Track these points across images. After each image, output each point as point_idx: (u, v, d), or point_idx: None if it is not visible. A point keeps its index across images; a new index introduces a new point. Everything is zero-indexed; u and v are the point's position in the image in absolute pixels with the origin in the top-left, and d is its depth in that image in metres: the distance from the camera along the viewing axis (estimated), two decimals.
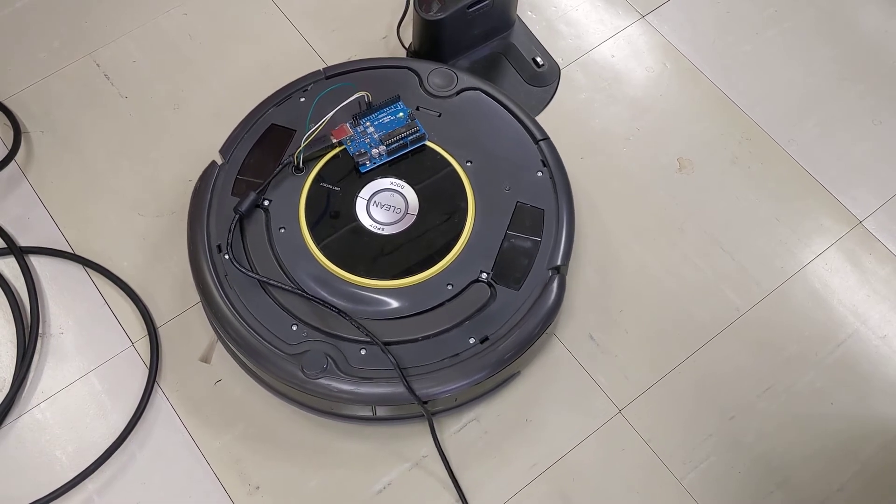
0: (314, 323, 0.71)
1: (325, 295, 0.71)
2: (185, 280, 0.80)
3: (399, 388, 0.68)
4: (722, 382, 0.78)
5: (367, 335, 0.69)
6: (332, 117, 0.74)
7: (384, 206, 0.75)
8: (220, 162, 0.77)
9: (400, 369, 0.68)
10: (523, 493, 0.74)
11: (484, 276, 0.73)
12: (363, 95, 0.76)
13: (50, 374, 0.78)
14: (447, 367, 0.69)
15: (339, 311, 0.70)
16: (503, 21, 0.92)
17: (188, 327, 0.80)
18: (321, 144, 0.76)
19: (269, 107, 0.79)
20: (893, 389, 0.78)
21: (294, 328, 0.70)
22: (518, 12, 0.94)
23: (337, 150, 0.77)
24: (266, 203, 0.75)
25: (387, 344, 0.69)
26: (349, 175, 0.77)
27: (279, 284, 0.71)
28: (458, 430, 0.76)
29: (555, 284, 0.72)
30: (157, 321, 0.80)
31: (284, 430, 0.76)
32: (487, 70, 0.91)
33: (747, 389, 0.78)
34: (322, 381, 0.68)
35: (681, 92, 0.92)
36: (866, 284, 0.83)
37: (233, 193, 0.75)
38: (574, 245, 0.76)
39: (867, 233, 0.85)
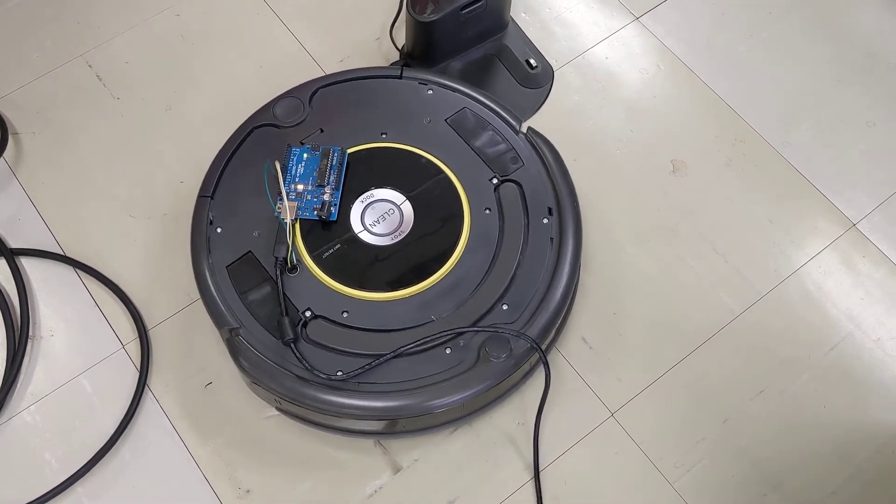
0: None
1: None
2: (177, 282, 0.79)
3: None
4: (715, 385, 0.78)
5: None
6: (280, 206, 0.73)
7: (381, 216, 0.75)
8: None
9: (537, 346, 0.70)
10: (515, 497, 0.73)
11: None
12: (273, 165, 0.74)
13: (40, 376, 0.77)
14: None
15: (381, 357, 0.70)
16: (497, 22, 0.92)
17: (179, 330, 0.79)
18: (287, 235, 0.73)
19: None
20: (887, 393, 0.78)
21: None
22: (512, 14, 0.94)
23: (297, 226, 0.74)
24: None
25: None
26: (333, 227, 0.74)
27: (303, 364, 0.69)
28: (451, 434, 0.75)
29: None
30: (148, 323, 0.79)
31: (275, 433, 0.75)
32: (481, 72, 0.91)
33: (741, 392, 0.78)
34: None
35: (675, 94, 0.92)
36: (860, 287, 0.83)
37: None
38: None
39: (861, 235, 0.85)
